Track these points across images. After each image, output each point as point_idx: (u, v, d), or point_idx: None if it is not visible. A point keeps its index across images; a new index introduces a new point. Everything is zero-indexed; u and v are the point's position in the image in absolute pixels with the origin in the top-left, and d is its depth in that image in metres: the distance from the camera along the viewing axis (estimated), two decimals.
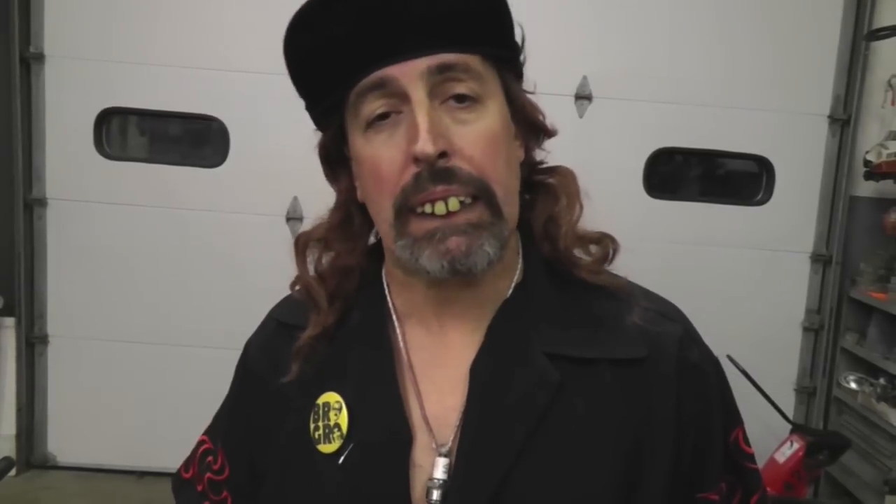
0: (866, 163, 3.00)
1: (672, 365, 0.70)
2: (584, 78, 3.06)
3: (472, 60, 0.67)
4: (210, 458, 0.83)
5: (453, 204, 0.65)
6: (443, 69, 0.65)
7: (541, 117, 0.75)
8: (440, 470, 0.67)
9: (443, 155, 0.64)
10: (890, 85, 3.01)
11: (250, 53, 3.09)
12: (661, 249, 3.00)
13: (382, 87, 0.66)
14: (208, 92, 3.12)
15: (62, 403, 3.31)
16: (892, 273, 2.96)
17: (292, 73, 0.71)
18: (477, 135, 0.66)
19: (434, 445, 0.69)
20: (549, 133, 0.76)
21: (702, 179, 3.48)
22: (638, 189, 3.16)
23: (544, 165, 0.78)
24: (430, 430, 0.69)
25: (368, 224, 0.76)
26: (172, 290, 3.22)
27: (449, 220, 0.65)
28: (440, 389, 0.71)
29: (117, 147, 3.31)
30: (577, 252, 0.75)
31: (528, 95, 0.75)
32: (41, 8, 3.10)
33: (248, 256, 3.13)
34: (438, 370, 0.72)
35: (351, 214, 0.76)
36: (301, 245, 0.78)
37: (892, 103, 2.99)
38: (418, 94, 0.65)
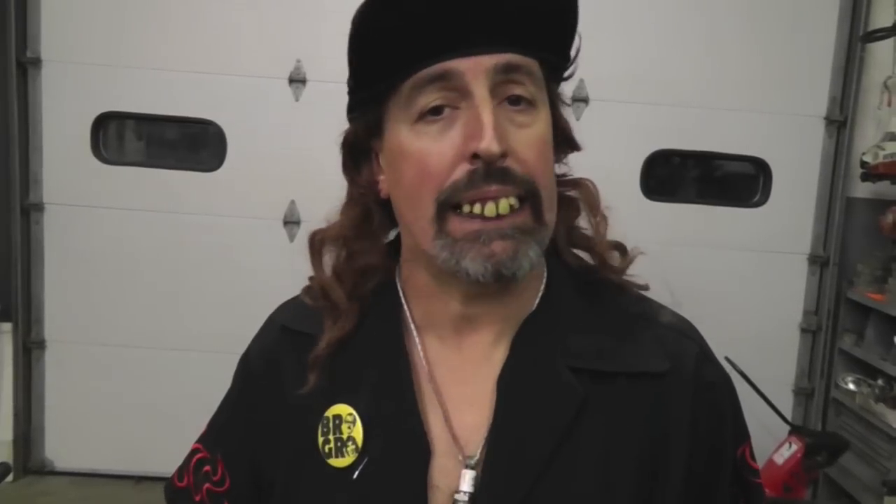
0: (863, 164, 3.00)
1: (689, 382, 0.70)
2: (581, 81, 3.07)
3: (533, 65, 0.66)
4: (208, 467, 0.80)
5: (504, 206, 0.64)
6: (508, 69, 0.64)
7: (570, 130, 0.75)
8: (467, 482, 0.66)
9: (502, 155, 0.63)
10: (886, 86, 3.01)
11: (247, 57, 3.10)
12: (658, 251, 2.99)
13: (445, 79, 0.64)
14: (205, 96, 3.12)
15: (59, 408, 3.29)
16: (889, 274, 2.96)
17: (356, 51, 0.68)
18: (531, 138, 0.65)
19: (461, 457, 0.68)
20: (576, 147, 0.76)
21: (699, 181, 3.49)
22: (635, 191, 3.17)
23: (568, 178, 0.77)
24: (456, 442, 0.68)
25: (386, 222, 0.74)
26: (170, 294, 3.22)
27: (494, 222, 0.64)
28: (461, 404, 0.70)
29: (114, 151, 3.30)
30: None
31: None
32: (38, 12, 3.09)
33: (245, 260, 3.12)
34: (458, 385, 0.71)
35: (370, 211, 0.74)
36: (317, 244, 0.75)
37: (888, 105, 2.99)
38: (482, 91, 0.63)
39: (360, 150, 0.73)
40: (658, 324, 0.73)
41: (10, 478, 3.06)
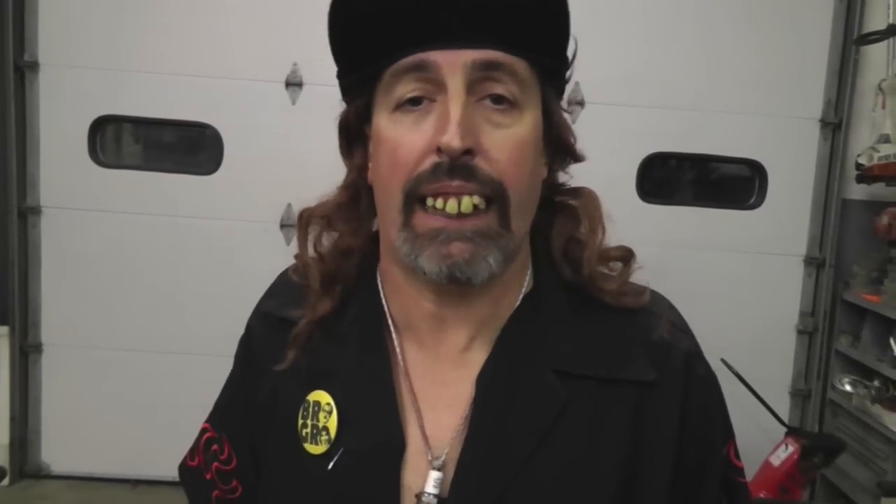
0: (858, 166, 3.01)
1: (679, 381, 0.69)
2: (577, 84, 3.07)
3: (519, 64, 0.64)
4: (215, 446, 0.81)
5: (466, 205, 0.62)
6: (487, 66, 0.63)
7: (572, 140, 0.72)
8: (431, 484, 0.66)
9: (468, 152, 0.61)
10: (880, 89, 3.02)
11: (243, 61, 3.10)
12: (654, 254, 3.00)
13: (421, 70, 0.63)
14: (202, 99, 3.12)
15: (56, 412, 3.29)
16: (884, 275, 2.97)
17: (335, 34, 0.68)
18: (507, 140, 0.63)
19: (429, 458, 0.67)
20: (577, 158, 0.74)
21: (695, 184, 3.50)
22: (631, 194, 3.17)
23: (567, 187, 0.76)
24: (426, 442, 0.68)
25: (374, 209, 0.73)
26: (167, 297, 3.22)
27: (456, 222, 0.62)
28: (436, 404, 0.69)
29: (111, 155, 3.30)
30: (600, 268, 0.73)
31: (565, 114, 0.72)
32: (35, 16, 3.09)
33: (242, 263, 3.12)
34: (434, 386, 0.70)
35: (359, 195, 0.73)
36: (304, 221, 0.75)
37: (883, 107, 3.00)
38: (456, 85, 0.62)
39: (353, 134, 0.72)
40: (651, 327, 0.71)
41: (6, 481, 3.06)
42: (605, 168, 3.08)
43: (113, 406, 3.24)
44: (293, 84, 3.10)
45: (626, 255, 0.74)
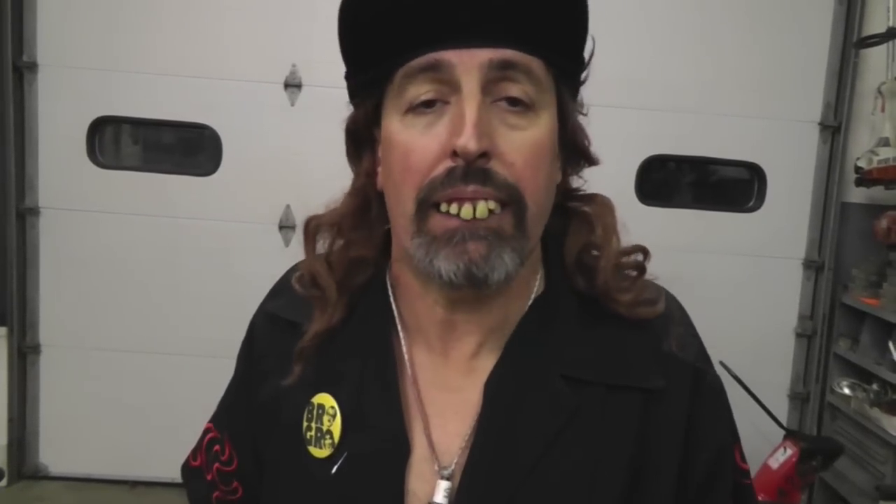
0: (857, 169, 3.02)
1: (687, 389, 0.69)
2: None
3: (535, 64, 0.63)
4: (217, 447, 0.81)
5: (482, 210, 0.60)
6: (503, 66, 0.61)
7: (586, 142, 0.71)
8: (441, 494, 0.65)
9: (483, 155, 0.60)
10: (879, 92, 3.02)
11: (242, 62, 3.10)
12: (653, 256, 3.00)
13: (435, 70, 0.61)
14: (201, 100, 3.12)
15: (54, 413, 3.28)
16: (883, 279, 2.97)
17: (345, 33, 0.65)
18: (523, 143, 0.62)
19: (436, 467, 0.66)
20: (591, 161, 0.73)
21: (694, 186, 3.50)
22: (630, 196, 3.17)
23: (581, 192, 0.74)
24: (432, 450, 0.67)
25: (384, 215, 0.70)
26: (165, 298, 3.21)
27: (471, 223, 0.61)
28: (444, 411, 0.69)
29: (110, 155, 3.30)
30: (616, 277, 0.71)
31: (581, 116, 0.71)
32: (34, 17, 3.09)
33: (241, 265, 3.12)
34: (442, 392, 0.69)
35: (369, 201, 0.71)
36: (311, 230, 0.73)
37: (882, 110, 3.01)
38: (471, 85, 0.60)
39: (361, 138, 0.70)
40: (662, 338, 0.70)
41: (4, 482, 3.05)
42: (604, 170, 3.08)
43: (111, 407, 3.23)
44: (292, 85, 3.10)
45: (641, 264, 0.73)
